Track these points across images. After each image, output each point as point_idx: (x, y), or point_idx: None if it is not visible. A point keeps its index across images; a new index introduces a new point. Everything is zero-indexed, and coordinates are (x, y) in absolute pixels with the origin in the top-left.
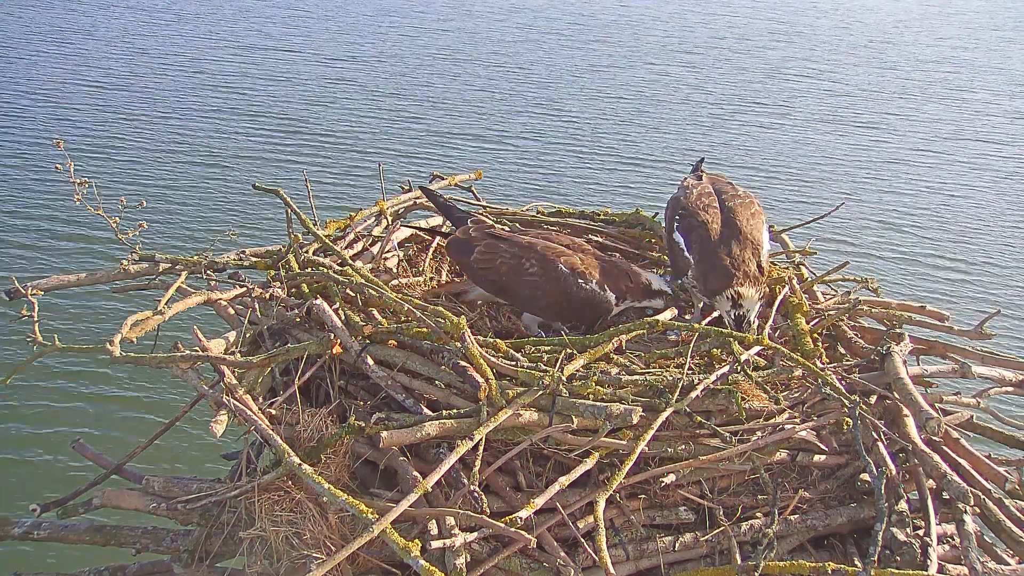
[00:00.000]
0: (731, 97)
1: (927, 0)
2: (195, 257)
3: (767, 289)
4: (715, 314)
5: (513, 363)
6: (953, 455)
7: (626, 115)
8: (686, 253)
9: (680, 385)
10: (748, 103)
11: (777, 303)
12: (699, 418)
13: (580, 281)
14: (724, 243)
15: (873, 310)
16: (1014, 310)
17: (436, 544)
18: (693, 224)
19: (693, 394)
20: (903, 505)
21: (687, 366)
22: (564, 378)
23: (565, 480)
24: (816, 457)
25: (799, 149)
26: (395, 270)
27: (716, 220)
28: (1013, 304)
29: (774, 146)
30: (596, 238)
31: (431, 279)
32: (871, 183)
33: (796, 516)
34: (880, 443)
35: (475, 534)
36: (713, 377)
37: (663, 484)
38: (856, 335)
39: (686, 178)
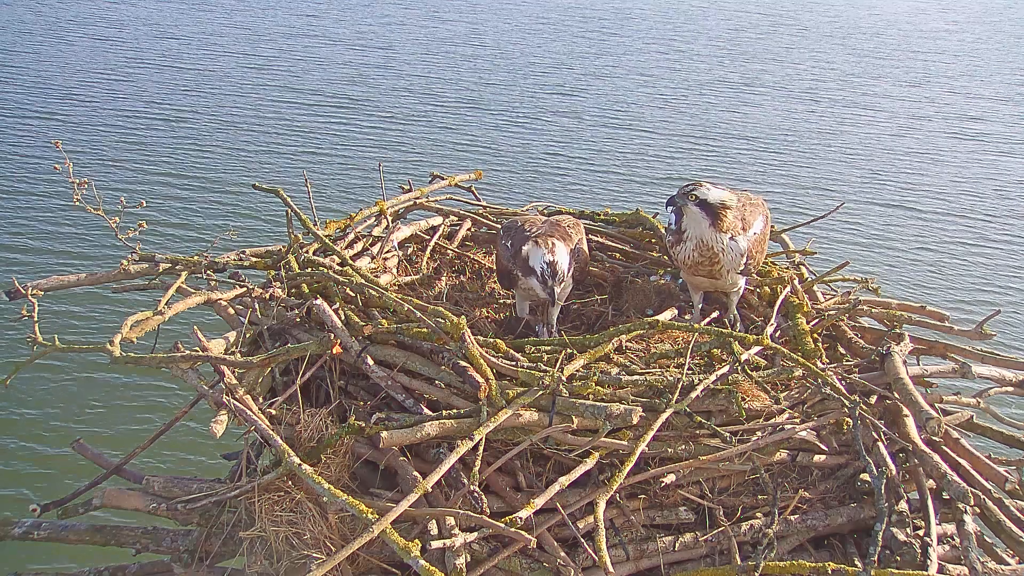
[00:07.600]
0: (733, 96)
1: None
2: (195, 257)
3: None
4: (714, 314)
5: (513, 363)
6: (953, 455)
7: (627, 114)
8: (672, 226)
9: (680, 385)
10: (749, 102)
11: (778, 303)
12: (699, 418)
13: (505, 242)
14: None
15: (873, 310)
16: (1014, 310)
17: (436, 544)
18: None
19: (693, 394)
20: (903, 505)
21: (687, 366)
22: (564, 378)
23: (565, 480)
24: (816, 457)
25: (800, 149)
26: (395, 270)
27: None
28: (1013, 304)
29: (774, 146)
30: (596, 238)
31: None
32: (871, 183)
33: (796, 516)
34: (880, 443)
35: (475, 534)
36: (713, 377)
37: (663, 484)
38: (856, 335)
39: None
